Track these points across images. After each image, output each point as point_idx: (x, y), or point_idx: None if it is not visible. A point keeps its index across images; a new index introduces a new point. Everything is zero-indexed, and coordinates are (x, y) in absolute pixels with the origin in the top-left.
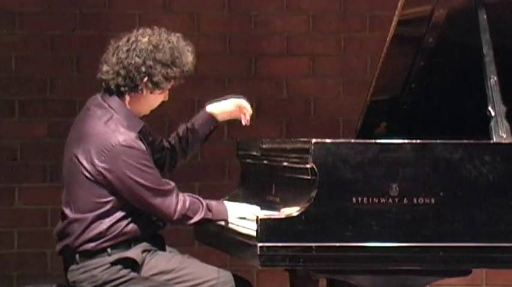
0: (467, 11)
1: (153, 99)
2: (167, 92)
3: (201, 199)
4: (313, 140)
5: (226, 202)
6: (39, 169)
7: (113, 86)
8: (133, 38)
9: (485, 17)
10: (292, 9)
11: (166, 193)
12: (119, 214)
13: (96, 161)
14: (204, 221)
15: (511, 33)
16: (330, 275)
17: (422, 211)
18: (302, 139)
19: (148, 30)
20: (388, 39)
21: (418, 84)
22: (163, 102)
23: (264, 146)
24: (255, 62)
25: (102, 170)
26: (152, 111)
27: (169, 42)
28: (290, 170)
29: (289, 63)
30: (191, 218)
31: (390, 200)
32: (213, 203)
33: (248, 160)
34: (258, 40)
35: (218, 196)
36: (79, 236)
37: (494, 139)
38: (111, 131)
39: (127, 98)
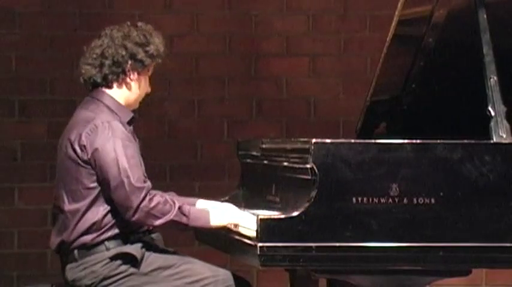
0: (467, 11)
1: (142, 85)
2: (148, 82)
3: (176, 201)
4: (313, 140)
5: (213, 210)
6: (39, 169)
7: (99, 79)
8: (103, 35)
9: (485, 17)
10: (292, 9)
11: (134, 188)
12: (112, 206)
13: (82, 139)
14: (175, 224)
15: (511, 33)
16: (330, 275)
17: (422, 211)
18: (302, 139)
19: (112, 27)
20: (388, 39)
21: (418, 84)
22: (147, 96)
23: (264, 146)
24: (255, 62)
25: (85, 144)
26: (152, 111)
27: (136, 27)
28: (290, 170)
29: (289, 63)
30: (157, 218)
31: (390, 200)
32: (194, 209)
33: (248, 160)
34: (258, 40)
35: (218, 196)
36: (74, 227)
37: (494, 139)
38: (96, 115)
39: (115, 87)
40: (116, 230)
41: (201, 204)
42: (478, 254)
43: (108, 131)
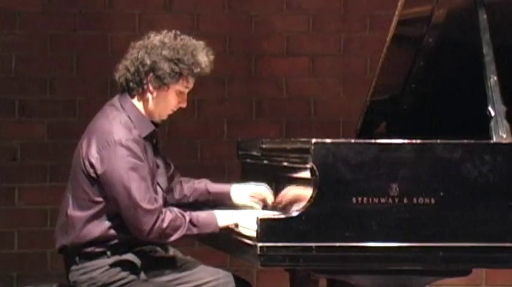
0: (467, 11)
1: (164, 101)
2: (185, 97)
3: (185, 214)
4: (313, 140)
5: (218, 212)
6: (39, 169)
7: (124, 83)
8: (146, 37)
9: (485, 17)
10: (292, 9)
11: (145, 211)
12: (116, 222)
13: (92, 153)
14: (187, 237)
15: (511, 33)
16: (330, 275)
17: (422, 211)
18: (302, 139)
19: (165, 32)
20: (388, 39)
21: (418, 84)
22: (180, 109)
23: (264, 146)
24: (255, 62)
25: (94, 162)
26: None
27: (182, 40)
28: (290, 170)
29: (289, 63)
30: (170, 235)
31: (390, 200)
32: (201, 216)
33: (248, 160)
34: (258, 40)
35: None
36: (77, 236)
37: (494, 139)
38: (113, 128)
39: (136, 97)
40: (119, 244)
41: (235, 191)
42: (478, 254)
43: (119, 151)
